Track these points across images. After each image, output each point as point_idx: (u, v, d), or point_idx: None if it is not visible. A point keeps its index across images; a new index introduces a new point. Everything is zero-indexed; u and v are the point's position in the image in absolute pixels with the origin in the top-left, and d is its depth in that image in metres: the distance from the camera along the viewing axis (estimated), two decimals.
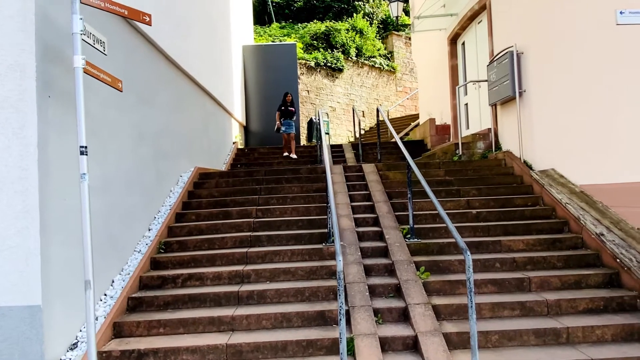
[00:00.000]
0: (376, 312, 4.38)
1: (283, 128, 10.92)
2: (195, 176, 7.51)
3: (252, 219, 6.16)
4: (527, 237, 5.52)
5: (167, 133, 6.74)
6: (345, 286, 4.67)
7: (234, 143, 11.76)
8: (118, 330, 4.31)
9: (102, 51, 4.23)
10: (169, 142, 6.80)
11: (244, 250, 5.44)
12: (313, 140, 12.26)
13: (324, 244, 5.50)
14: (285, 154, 11.02)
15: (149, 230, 5.86)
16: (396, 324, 4.30)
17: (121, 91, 4.41)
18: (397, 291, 4.72)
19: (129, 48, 5.51)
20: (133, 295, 4.70)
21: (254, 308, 4.53)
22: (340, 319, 3.48)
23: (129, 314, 4.55)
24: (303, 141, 14.02)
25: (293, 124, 11.04)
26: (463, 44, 10.35)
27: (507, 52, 7.59)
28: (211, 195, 7.00)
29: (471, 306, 3.53)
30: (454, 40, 10.60)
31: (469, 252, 3.61)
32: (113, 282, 4.85)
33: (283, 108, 10.98)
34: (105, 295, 4.65)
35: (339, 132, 16.90)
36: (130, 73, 5.49)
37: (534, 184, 6.72)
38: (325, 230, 5.70)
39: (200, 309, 4.61)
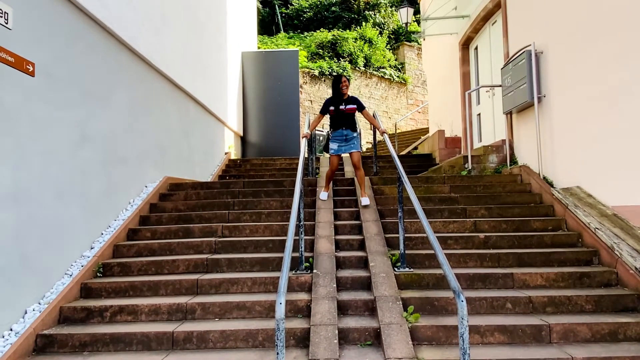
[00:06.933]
0: None
1: (334, 146, 5.87)
2: (164, 187, 6.60)
3: (215, 238, 5.20)
4: (546, 270, 4.43)
5: (128, 137, 5.87)
6: (309, 330, 3.65)
7: (226, 153, 10.88)
8: None
9: (4, 24, 3.38)
10: (130, 147, 5.92)
11: (196, 277, 4.46)
12: (325, 154, 11.29)
13: (294, 272, 4.50)
14: (324, 194, 6.04)
15: (91, 249, 4.95)
16: None
17: (33, 76, 3.55)
18: (376, 338, 3.67)
19: (72, 32, 4.68)
20: (44, 332, 3.75)
21: (189, 356, 3.53)
22: None
23: (33, 358, 3.60)
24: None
25: (357, 137, 5.99)
26: (476, 48, 9.38)
27: (524, 52, 6.58)
28: (176, 208, 6.07)
29: None
30: (466, 44, 9.65)
31: (463, 296, 2.57)
32: (26, 313, 3.92)
33: (333, 108, 5.85)
34: (10, 330, 3.72)
35: None
36: (73, 62, 4.66)
37: (555, 203, 5.62)
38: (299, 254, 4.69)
39: (123, 353, 3.63)
